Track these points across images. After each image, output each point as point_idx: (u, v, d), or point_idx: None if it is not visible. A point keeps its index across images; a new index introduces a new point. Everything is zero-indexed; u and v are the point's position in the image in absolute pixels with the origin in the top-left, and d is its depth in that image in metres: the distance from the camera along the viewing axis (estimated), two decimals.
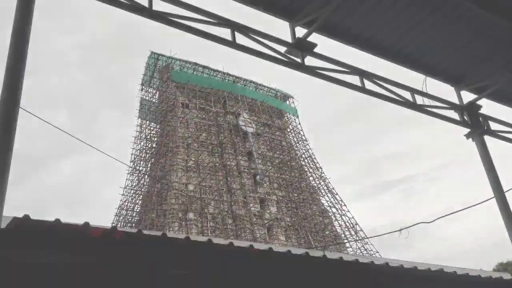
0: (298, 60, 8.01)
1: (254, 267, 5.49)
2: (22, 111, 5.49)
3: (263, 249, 5.48)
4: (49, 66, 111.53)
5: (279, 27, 8.29)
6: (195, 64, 44.42)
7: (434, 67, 9.74)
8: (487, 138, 10.00)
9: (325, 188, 42.36)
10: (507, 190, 9.35)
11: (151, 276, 4.89)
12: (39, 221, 4.29)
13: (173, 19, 6.86)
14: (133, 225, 37.49)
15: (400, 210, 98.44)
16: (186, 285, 5.04)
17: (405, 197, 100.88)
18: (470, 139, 9.99)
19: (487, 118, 10.37)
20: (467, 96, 10.34)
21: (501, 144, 10.47)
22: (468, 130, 9.98)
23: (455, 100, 10.19)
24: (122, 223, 37.83)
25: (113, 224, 33.27)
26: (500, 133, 10.36)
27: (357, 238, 38.38)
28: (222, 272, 5.29)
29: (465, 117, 10.08)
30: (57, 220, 4.40)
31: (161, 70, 44.47)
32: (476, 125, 9.95)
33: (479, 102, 10.32)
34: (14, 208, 4.47)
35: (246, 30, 7.60)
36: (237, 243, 5.54)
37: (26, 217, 4.26)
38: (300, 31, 8.13)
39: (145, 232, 5.07)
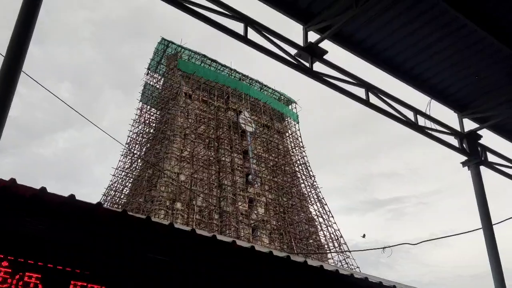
0: (307, 64, 7.98)
1: (234, 263, 5.45)
2: (24, 78, 5.44)
3: (245, 246, 5.44)
4: (59, 38, 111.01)
5: (286, 26, 8.24)
6: (204, 56, 44.32)
7: (441, 91, 9.72)
8: (483, 169, 9.99)
9: (315, 197, 42.32)
10: (496, 223, 9.35)
11: (131, 257, 4.84)
12: (25, 186, 4.24)
13: (188, 5, 6.82)
14: (120, 207, 37.37)
15: (387, 229, 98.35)
16: (164, 271, 4.99)
17: (393, 217, 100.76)
18: (466, 168, 9.99)
19: (486, 148, 10.37)
20: (469, 124, 10.35)
21: (496, 177, 10.47)
22: (466, 158, 9.97)
23: (457, 126, 10.19)
24: (109, 204, 37.70)
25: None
26: (496, 166, 10.36)
27: (340, 251, 38.36)
28: (203, 264, 5.25)
29: (464, 145, 10.08)
30: (43, 188, 4.35)
31: (169, 57, 44.34)
32: (474, 154, 9.94)
33: (480, 132, 10.32)
34: (2, 174, 4.41)
35: (259, 27, 7.57)
36: (220, 237, 5.50)
37: (12, 180, 4.20)
38: (313, 36, 8.10)
39: (130, 213, 5.02)
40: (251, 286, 5.60)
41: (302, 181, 43.27)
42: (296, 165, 44.37)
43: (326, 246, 39.37)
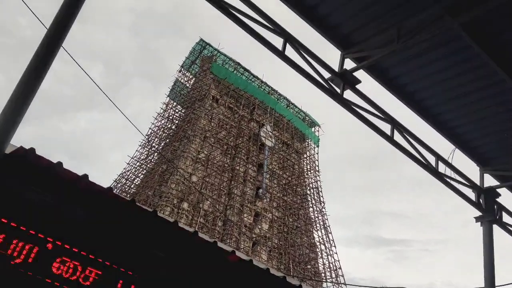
0: (338, 90, 7.97)
1: (230, 273, 5.42)
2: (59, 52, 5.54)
3: (243, 258, 5.42)
4: (100, 22, 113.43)
5: (321, 46, 8.23)
6: (238, 64, 44.67)
7: (467, 142, 9.58)
8: (495, 228, 9.79)
9: (321, 223, 41.96)
10: (499, 286, 9.11)
11: (128, 246, 4.86)
12: (42, 158, 4.30)
13: (232, 11, 6.89)
14: (128, 195, 37.62)
15: (386, 269, 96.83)
16: (161, 266, 4.99)
17: (395, 258, 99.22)
18: (479, 223, 9.80)
19: (502, 208, 10.16)
20: (489, 180, 10.17)
21: (507, 238, 10.24)
22: (480, 214, 9.79)
23: (477, 179, 10.01)
24: (118, 191, 37.98)
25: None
26: (510, 227, 10.13)
27: (336, 282, 37.83)
28: (201, 268, 5.24)
29: (481, 200, 9.90)
30: (59, 163, 4.42)
31: (204, 59, 44.81)
32: (489, 212, 9.74)
33: (499, 190, 10.13)
34: (21, 142, 4.49)
35: (297, 45, 7.60)
36: (220, 244, 5.49)
37: (32, 150, 4.28)
38: (348, 64, 8.11)
39: (138, 204, 5.05)
40: None
41: (311, 205, 42.98)
42: (308, 188, 44.12)
43: (323, 274, 38.90)
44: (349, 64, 8.08)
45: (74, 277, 4.39)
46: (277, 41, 7.39)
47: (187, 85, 45.45)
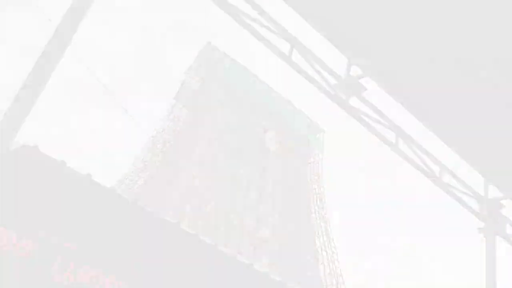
0: (343, 97, 7.95)
1: (232, 275, 5.41)
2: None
3: (245, 262, 5.41)
4: (108, 20, 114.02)
5: (324, 52, 8.20)
6: (245, 68, 44.66)
7: (472, 152, 9.50)
8: (498, 240, 9.71)
9: (324, 230, 41.79)
10: None
11: (127, 246, 4.86)
12: (45, 156, 4.30)
13: (242, 16, 6.89)
14: (131, 196, 37.65)
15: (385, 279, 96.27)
16: (158, 268, 4.99)
17: (397, 267, 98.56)
18: (482, 235, 9.73)
19: (506, 220, 10.07)
20: (494, 191, 10.08)
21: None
22: (483, 224, 9.71)
23: (481, 189, 9.92)
24: (121, 191, 37.98)
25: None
26: None
27: None
28: (202, 270, 5.23)
29: (484, 211, 9.82)
30: (63, 162, 4.42)
31: (211, 62, 44.84)
32: (493, 223, 9.67)
33: (503, 201, 10.04)
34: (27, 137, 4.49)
35: (304, 51, 7.59)
36: (221, 248, 5.48)
37: (35, 147, 4.28)
38: (354, 71, 8.08)
39: (141, 205, 5.05)
40: None
41: (314, 212, 42.86)
42: (312, 194, 44.02)
43: (323, 281, 38.75)
44: (355, 71, 8.06)
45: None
46: (284, 46, 7.39)
47: (194, 88, 45.47)
